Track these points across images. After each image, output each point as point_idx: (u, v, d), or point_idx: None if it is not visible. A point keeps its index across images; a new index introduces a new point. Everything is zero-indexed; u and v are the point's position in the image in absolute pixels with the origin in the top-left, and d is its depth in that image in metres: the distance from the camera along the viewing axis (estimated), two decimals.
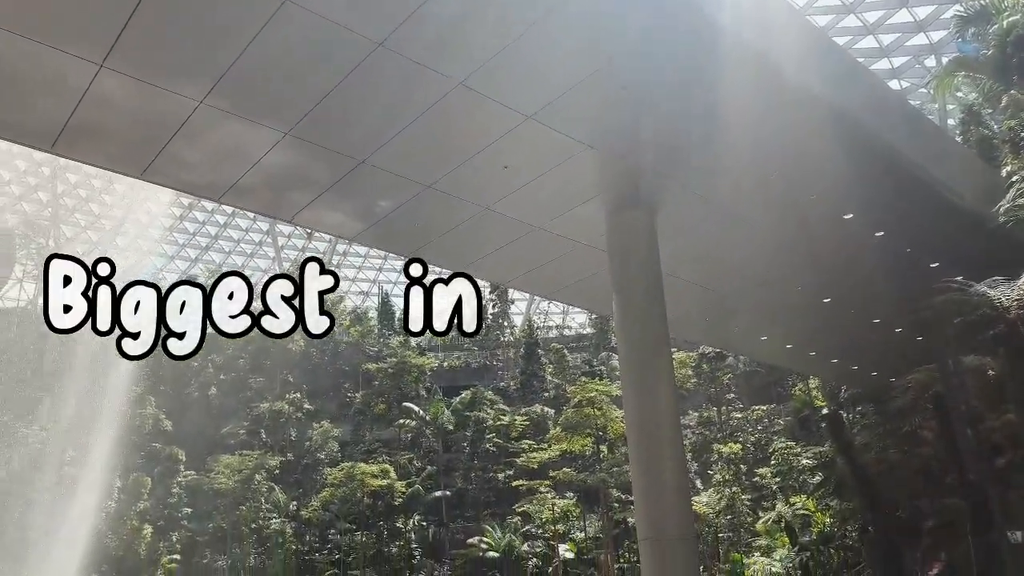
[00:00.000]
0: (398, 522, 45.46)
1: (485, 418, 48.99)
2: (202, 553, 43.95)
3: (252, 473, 44.12)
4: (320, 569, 45.16)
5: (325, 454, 50.34)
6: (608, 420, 36.49)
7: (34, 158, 57.88)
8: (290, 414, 52.64)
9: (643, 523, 13.41)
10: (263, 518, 44.53)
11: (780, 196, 14.89)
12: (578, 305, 42.24)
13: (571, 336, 65.23)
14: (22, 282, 59.27)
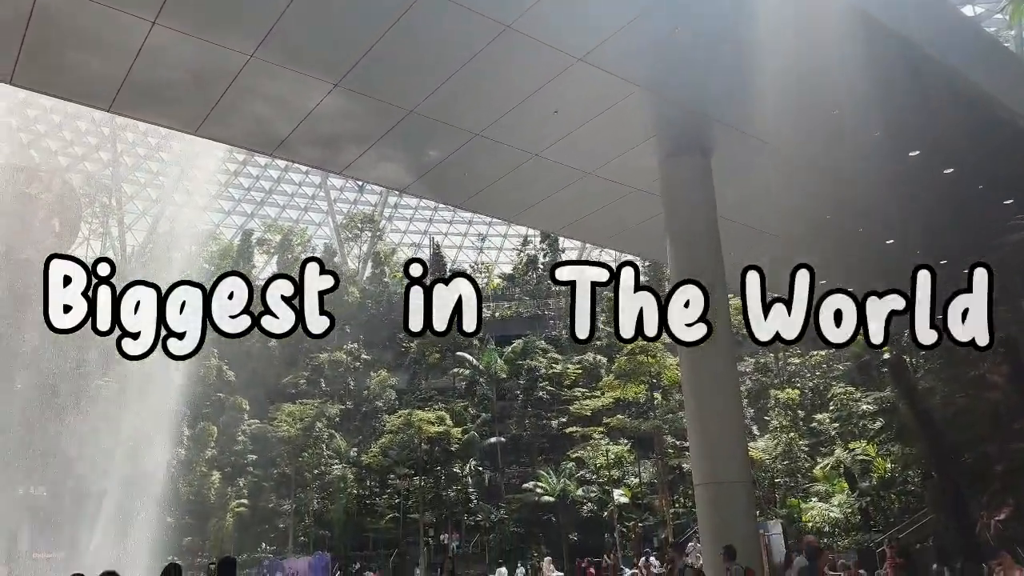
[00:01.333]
0: (455, 467, 46.51)
1: (538, 366, 49.37)
2: (268, 498, 45.78)
3: (313, 421, 45.49)
4: (381, 513, 46.68)
5: (383, 402, 51.56)
6: (662, 367, 36.35)
7: (94, 118, 59.33)
8: (348, 364, 53.94)
9: (699, 468, 13.44)
10: (325, 464, 46.03)
11: (842, 135, 14.31)
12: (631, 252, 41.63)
13: None
14: (89, 240, 61.35)
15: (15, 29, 9.90)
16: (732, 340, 15.11)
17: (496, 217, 42.61)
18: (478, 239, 72.67)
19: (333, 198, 69.62)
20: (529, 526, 43.19)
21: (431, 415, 44.30)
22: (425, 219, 72.75)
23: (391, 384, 52.47)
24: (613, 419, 39.32)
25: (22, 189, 40.79)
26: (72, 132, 61.27)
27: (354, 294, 59.98)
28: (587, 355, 50.27)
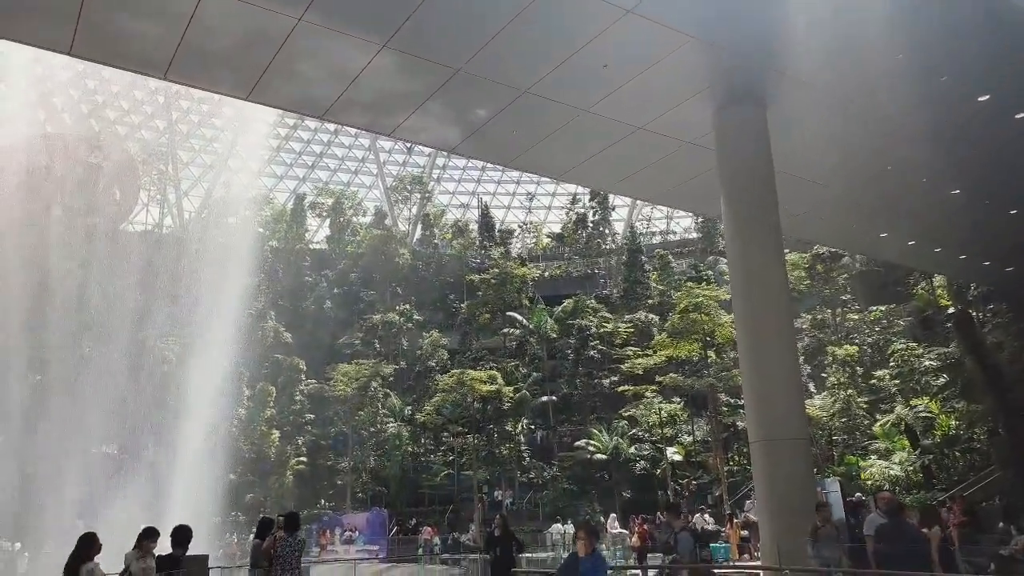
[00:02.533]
0: (507, 425, 47.09)
1: (588, 326, 49.31)
2: (326, 455, 47.13)
3: (368, 381, 46.44)
4: (435, 470, 47.71)
5: (435, 361, 52.29)
6: (716, 325, 35.89)
7: (150, 87, 60.51)
8: (400, 324, 54.73)
9: (754, 425, 13.29)
10: (380, 422, 47.09)
11: (905, 81, 13.66)
12: (683, 208, 41.14)
13: (676, 241, 63.86)
14: (147, 207, 63.06)
15: (73, 1, 10.07)
16: (788, 296, 14.80)
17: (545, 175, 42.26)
18: (526, 198, 72.35)
19: (382, 160, 69.98)
20: (582, 483, 43.62)
21: (483, 374, 44.77)
22: (473, 179, 72.68)
23: (443, 344, 53.13)
24: (666, 377, 39.12)
25: (84, 158, 41.96)
26: (129, 101, 62.66)
27: (405, 256, 60.56)
28: (638, 314, 50.00)
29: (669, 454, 39.69)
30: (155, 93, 61.64)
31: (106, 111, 61.08)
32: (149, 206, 63.04)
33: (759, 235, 13.69)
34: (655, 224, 68.66)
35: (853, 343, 38.05)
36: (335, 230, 63.83)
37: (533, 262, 61.44)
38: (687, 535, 11.05)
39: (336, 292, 57.63)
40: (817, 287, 42.50)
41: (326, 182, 68.91)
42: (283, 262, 57.69)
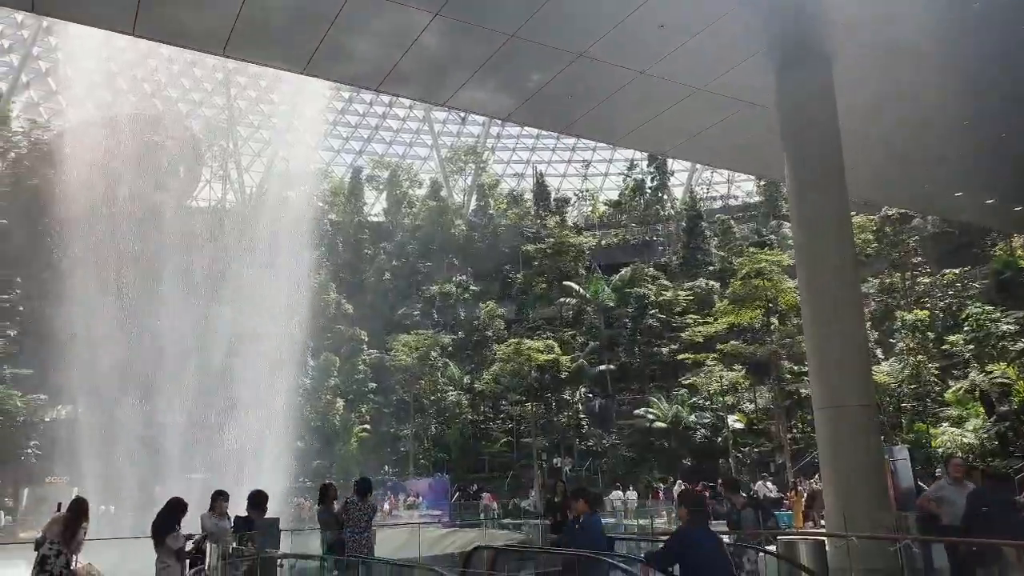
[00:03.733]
0: (565, 394, 47.23)
1: (647, 294, 48.83)
2: (388, 423, 48.19)
3: (428, 350, 47.12)
4: (495, 437, 48.31)
5: (492, 331, 52.65)
6: (779, 291, 35.05)
7: (208, 64, 61.73)
8: (457, 295, 55.20)
9: (819, 392, 12.96)
10: (440, 391, 47.81)
11: (986, 30, 12.90)
12: (745, 171, 40.16)
13: (737, 206, 62.40)
14: (210, 183, 64.70)
15: None
16: (855, 260, 14.31)
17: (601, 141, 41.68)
18: (582, 165, 71.59)
19: (437, 131, 70.08)
20: (641, 451, 43.57)
21: (540, 344, 44.89)
22: (528, 148, 72.25)
23: (499, 314, 53.42)
24: (727, 345, 38.53)
25: (148, 137, 43.20)
26: (190, 79, 64.11)
27: (460, 227, 60.87)
28: (699, 281, 49.26)
29: (730, 422, 39.27)
30: (214, 70, 62.89)
31: (168, 90, 62.63)
32: (211, 183, 64.67)
33: (824, 197, 13.23)
34: (716, 189, 67.23)
35: (924, 307, 36.73)
36: (392, 202, 64.49)
37: (589, 231, 60.96)
38: (750, 511, 10.88)
39: (394, 264, 58.39)
40: (885, 250, 41.03)
41: (382, 155, 69.48)
42: (342, 235, 58.64)
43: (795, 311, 33.58)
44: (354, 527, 10.17)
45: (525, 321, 53.52)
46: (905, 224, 40.24)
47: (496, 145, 71.72)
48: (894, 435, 30.83)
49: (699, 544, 6.59)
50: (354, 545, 9.93)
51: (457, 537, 23.20)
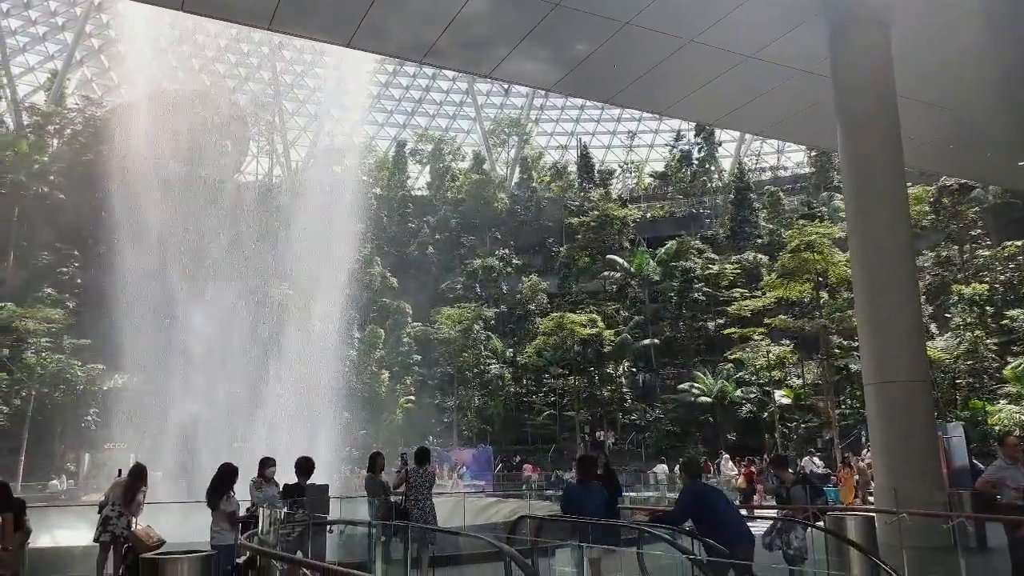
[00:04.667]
0: (608, 368, 47.13)
1: (692, 267, 48.23)
2: (433, 394, 48.75)
3: (471, 323, 47.40)
4: (538, 410, 48.53)
5: (535, 305, 52.67)
6: (829, 264, 34.22)
7: (254, 39, 62.33)
8: (500, 269, 55.27)
9: (870, 367, 12.69)
10: (483, 363, 48.11)
11: None
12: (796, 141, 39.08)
13: (787, 177, 60.98)
14: (257, 158, 65.62)
15: None
16: (910, 232, 13.87)
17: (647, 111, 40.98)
18: (627, 137, 70.63)
19: (480, 104, 69.79)
20: (685, 425, 43.36)
21: (583, 318, 44.77)
22: (572, 119, 71.52)
23: (542, 288, 53.38)
24: (775, 319, 37.85)
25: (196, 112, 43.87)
26: (236, 55, 64.85)
27: (503, 201, 60.75)
28: (746, 254, 48.45)
29: (777, 397, 38.73)
30: (259, 45, 63.47)
31: (215, 65, 63.45)
32: (259, 157, 65.57)
33: (879, 167, 12.83)
34: (765, 159, 65.78)
35: (983, 281, 35.52)
36: (435, 176, 64.64)
37: (634, 203, 60.27)
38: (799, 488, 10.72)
39: (438, 238, 58.65)
40: (942, 222, 39.69)
41: (425, 128, 69.54)
42: (387, 209, 59.05)
43: (846, 285, 32.80)
44: (416, 494, 10.36)
45: (568, 295, 53.40)
46: (964, 195, 38.81)
47: (540, 117, 71.21)
48: (948, 412, 30.09)
49: (712, 500, 6.98)
50: (418, 512, 10.14)
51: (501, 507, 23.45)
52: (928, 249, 39.27)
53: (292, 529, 7.75)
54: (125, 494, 11.37)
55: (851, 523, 9.22)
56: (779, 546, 9.07)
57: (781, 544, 9.12)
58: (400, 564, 6.83)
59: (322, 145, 60.70)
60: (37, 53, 59.20)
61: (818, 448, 34.45)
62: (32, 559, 10.71)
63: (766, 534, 9.39)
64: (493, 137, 67.38)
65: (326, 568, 5.82)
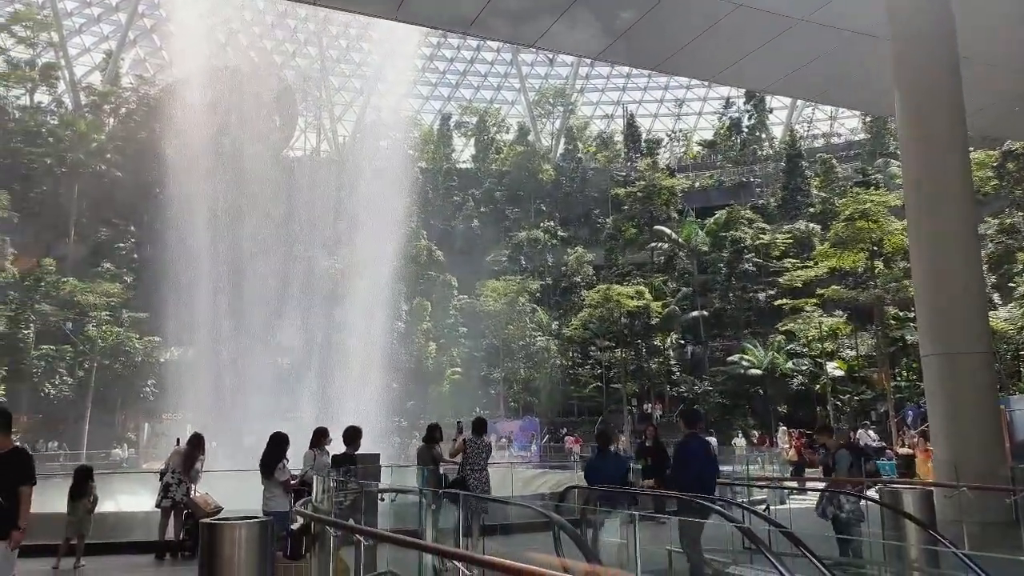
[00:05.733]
0: (655, 340, 46.80)
1: (743, 238, 47.36)
2: (479, 366, 49.10)
3: (516, 296, 47.46)
4: (584, 382, 48.55)
5: (581, 277, 52.46)
6: (885, 233, 33.23)
7: (300, 14, 62.70)
8: (545, 241, 55.11)
9: (928, 339, 12.29)
10: (529, 336, 48.22)
11: None
12: (850, 107, 37.94)
13: (840, 144, 59.27)
14: (305, 133, 66.32)
15: None
16: (972, 199, 13.34)
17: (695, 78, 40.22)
18: (675, 105, 69.37)
19: (524, 74, 69.21)
20: (735, 398, 42.91)
21: (629, 289, 44.45)
22: (618, 88, 70.51)
23: (588, 260, 53.10)
24: (827, 290, 37.02)
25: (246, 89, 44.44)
26: (283, 31, 65.36)
27: (548, 172, 60.36)
28: (798, 223, 47.36)
29: (829, 369, 38.02)
30: (306, 21, 63.85)
31: (263, 42, 64.09)
32: (306, 132, 66.26)
33: (939, 132, 12.30)
34: (817, 126, 64.01)
35: None
36: (480, 148, 64.54)
37: (682, 172, 59.35)
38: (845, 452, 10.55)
39: (483, 211, 58.69)
40: (1007, 188, 38.15)
41: (470, 100, 69.31)
42: (432, 183, 59.25)
43: (902, 254, 31.90)
44: (473, 464, 10.48)
45: (614, 267, 53.02)
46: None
47: (585, 86, 70.37)
48: (1011, 384, 29.16)
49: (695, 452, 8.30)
50: (474, 482, 10.26)
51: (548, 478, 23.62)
52: (991, 216, 37.85)
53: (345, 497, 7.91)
54: (184, 462, 11.77)
55: (908, 497, 9.02)
56: (832, 512, 9.10)
57: (834, 508, 9.12)
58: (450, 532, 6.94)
59: (368, 119, 61.03)
60: (92, 34, 60.64)
61: (872, 421, 33.78)
62: (97, 523, 11.18)
63: (817, 505, 9.43)
64: (538, 108, 66.85)
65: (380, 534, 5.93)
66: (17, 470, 5.73)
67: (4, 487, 5.61)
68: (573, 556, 5.59)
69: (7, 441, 5.83)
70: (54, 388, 42.23)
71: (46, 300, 43.21)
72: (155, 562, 11.06)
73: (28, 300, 42.81)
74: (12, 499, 5.60)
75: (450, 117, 66.36)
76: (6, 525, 5.55)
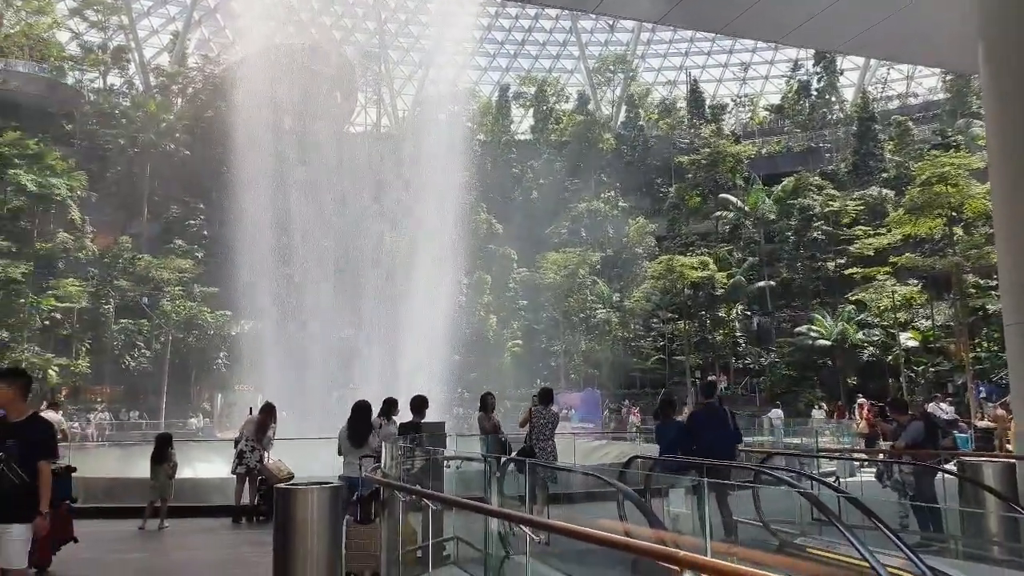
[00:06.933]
0: (720, 311, 46.02)
1: (811, 205, 45.89)
2: (539, 339, 49.19)
3: (576, 268, 47.19)
4: (646, 354, 48.14)
5: (642, 248, 51.81)
6: (965, 197, 31.68)
7: None
8: (606, 212, 54.51)
9: (1012, 307, 11.64)
10: (589, 308, 47.99)
11: None
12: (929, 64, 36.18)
13: (917, 105, 56.61)
14: (365, 108, 66.89)
15: None
16: None
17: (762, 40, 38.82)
18: (740, 69, 67.32)
19: (584, 42, 68.14)
20: (802, 369, 41.94)
21: (693, 260, 43.70)
22: (680, 53, 68.82)
23: (650, 230, 52.35)
24: (901, 258, 35.61)
25: (307, 65, 45.01)
26: (342, 5, 65.79)
27: (609, 141, 59.49)
28: (870, 189, 45.61)
29: (903, 340, 36.74)
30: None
31: (322, 18, 64.70)
32: (366, 108, 66.82)
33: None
34: (892, 87, 61.24)
35: None
36: (539, 119, 63.99)
37: (748, 139, 57.70)
38: (918, 423, 10.21)
39: (542, 183, 58.33)
40: None
41: (528, 70, 68.69)
42: (491, 155, 59.12)
43: (984, 219, 30.40)
44: (539, 434, 10.51)
45: (677, 237, 52.17)
46: None
47: (646, 52, 68.89)
48: None
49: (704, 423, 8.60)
50: (540, 451, 10.29)
51: (610, 448, 23.59)
52: None
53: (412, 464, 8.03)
54: (257, 430, 12.17)
55: (988, 470, 8.68)
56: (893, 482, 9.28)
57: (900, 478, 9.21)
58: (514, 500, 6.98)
59: (427, 93, 61.14)
60: (160, 16, 62.29)
61: (948, 393, 32.57)
62: (177, 488, 11.71)
63: (878, 474, 9.75)
64: (598, 76, 65.78)
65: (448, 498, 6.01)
66: (37, 442, 4.98)
67: (24, 462, 4.87)
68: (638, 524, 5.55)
69: (21, 407, 5.06)
70: (133, 360, 44.23)
71: (124, 276, 45.09)
72: (232, 525, 11.53)
73: (107, 276, 44.76)
74: (34, 476, 4.87)
75: (508, 88, 65.89)
76: (28, 506, 4.84)
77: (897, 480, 9.37)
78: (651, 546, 3.03)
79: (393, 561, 5.98)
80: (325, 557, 5.01)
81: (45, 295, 41.39)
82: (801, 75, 59.73)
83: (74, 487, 9.15)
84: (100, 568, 8.48)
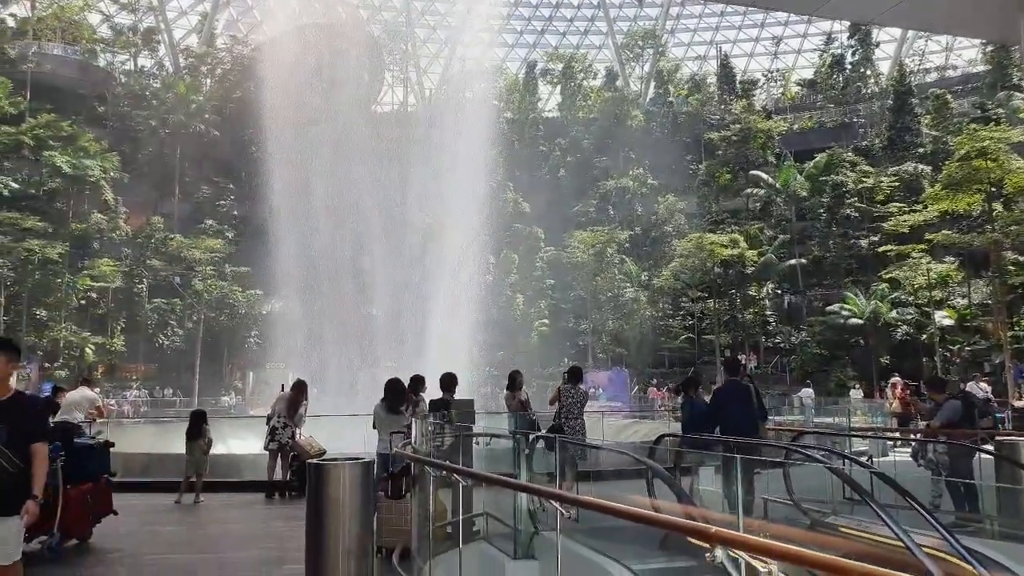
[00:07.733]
0: (750, 290, 45.54)
1: (844, 181, 45.00)
2: (567, 318, 49.10)
3: (604, 247, 46.95)
4: (675, 333, 47.83)
5: (672, 226, 51.34)
6: (1006, 172, 30.82)
7: None
8: (635, 190, 54.04)
9: None
10: (617, 287, 47.73)
11: None
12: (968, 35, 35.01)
13: (955, 78, 55.10)
14: (392, 87, 66.76)
15: None
16: None
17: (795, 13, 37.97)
18: (772, 43, 66.02)
19: (612, 17, 67.22)
20: (833, 348, 41.41)
21: (723, 238, 43.19)
22: (711, 27, 67.67)
23: (679, 208, 51.83)
24: (937, 235, 34.83)
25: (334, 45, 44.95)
26: None
27: (638, 118, 58.81)
28: (905, 165, 44.59)
29: (938, 318, 36.06)
30: None
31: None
32: (393, 86, 66.70)
33: None
34: (929, 60, 59.64)
35: None
36: (566, 96, 63.40)
37: (780, 114, 56.70)
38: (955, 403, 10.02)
39: (569, 160, 57.90)
40: None
41: (556, 47, 68.01)
42: (517, 133, 58.79)
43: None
44: (568, 412, 10.51)
45: (707, 214, 51.61)
46: None
47: (676, 27, 67.80)
48: None
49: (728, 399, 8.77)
50: (569, 430, 10.30)
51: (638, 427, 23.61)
52: None
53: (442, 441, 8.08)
54: (289, 407, 12.32)
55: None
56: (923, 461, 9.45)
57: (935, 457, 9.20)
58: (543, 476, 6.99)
59: (454, 71, 60.84)
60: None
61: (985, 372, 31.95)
62: (212, 464, 11.95)
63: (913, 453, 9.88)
64: (626, 51, 64.92)
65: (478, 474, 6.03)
66: (27, 422, 4.39)
67: (15, 444, 4.25)
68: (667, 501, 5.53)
69: (7, 385, 4.41)
70: (167, 339, 45.06)
71: (156, 256, 45.83)
72: (266, 500, 11.73)
73: (141, 256, 45.52)
74: (27, 460, 4.27)
75: (536, 65, 65.30)
76: (19, 495, 4.21)
77: (931, 459, 9.29)
78: (682, 521, 3.00)
79: (424, 536, 6.03)
80: (357, 531, 5.06)
81: (81, 275, 42.25)
82: (835, 49, 58.43)
83: (112, 462, 9.37)
84: (138, 540, 8.68)
